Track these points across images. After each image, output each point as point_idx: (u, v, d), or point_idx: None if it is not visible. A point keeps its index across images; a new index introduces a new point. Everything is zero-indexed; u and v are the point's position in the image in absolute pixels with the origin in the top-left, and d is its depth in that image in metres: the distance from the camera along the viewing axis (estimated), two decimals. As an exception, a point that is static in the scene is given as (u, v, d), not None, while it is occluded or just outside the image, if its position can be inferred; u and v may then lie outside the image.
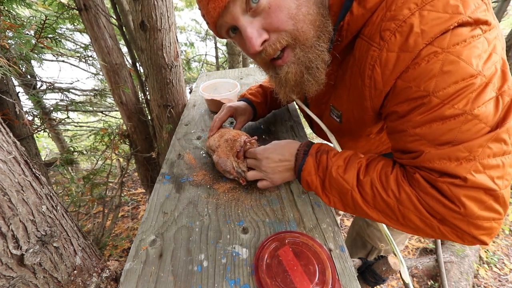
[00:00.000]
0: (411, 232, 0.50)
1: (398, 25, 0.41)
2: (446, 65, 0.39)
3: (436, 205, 0.43)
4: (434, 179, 0.43)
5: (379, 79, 0.46)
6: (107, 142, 1.77)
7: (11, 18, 1.11)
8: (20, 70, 1.01)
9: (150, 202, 0.73)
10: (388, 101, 0.48)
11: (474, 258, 1.92)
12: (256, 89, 0.98)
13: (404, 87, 0.43)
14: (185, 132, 1.04)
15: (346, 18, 0.48)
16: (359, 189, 0.52)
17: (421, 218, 0.45)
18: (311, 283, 0.49)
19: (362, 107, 0.54)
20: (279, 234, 0.59)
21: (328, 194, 0.57)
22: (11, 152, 0.50)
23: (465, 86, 0.38)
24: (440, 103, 0.40)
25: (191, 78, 3.51)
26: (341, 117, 0.65)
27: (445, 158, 0.41)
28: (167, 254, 0.59)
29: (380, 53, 0.44)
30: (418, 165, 0.45)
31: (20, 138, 1.34)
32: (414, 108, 0.43)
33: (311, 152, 0.60)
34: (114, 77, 1.55)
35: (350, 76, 0.54)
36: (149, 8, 1.06)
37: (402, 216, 0.47)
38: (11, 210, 0.47)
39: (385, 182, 0.49)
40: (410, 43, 0.40)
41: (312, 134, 4.56)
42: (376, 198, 0.50)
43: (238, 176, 0.73)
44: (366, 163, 0.54)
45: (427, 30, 0.39)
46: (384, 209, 0.49)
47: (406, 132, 0.45)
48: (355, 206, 0.53)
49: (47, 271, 0.55)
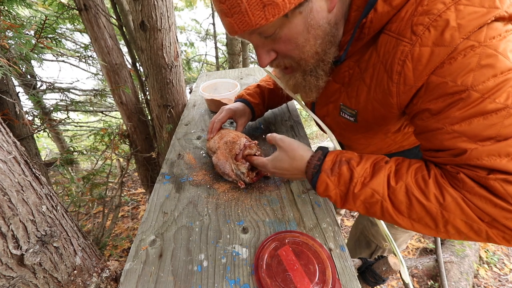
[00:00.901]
0: (447, 237, 0.46)
1: (433, 19, 0.40)
2: (484, 58, 0.38)
3: (486, 206, 0.40)
4: (483, 176, 0.40)
5: (410, 75, 0.45)
6: (107, 142, 1.77)
7: (11, 18, 1.11)
8: (20, 70, 1.01)
9: (150, 202, 0.73)
10: (419, 98, 0.46)
11: (474, 258, 1.92)
12: (253, 89, 0.98)
13: (439, 83, 0.42)
14: (185, 132, 1.04)
15: (369, 15, 0.47)
16: (391, 198, 0.47)
17: (468, 223, 0.42)
18: (311, 282, 0.49)
19: (385, 104, 0.52)
20: (279, 234, 0.59)
21: (349, 206, 0.53)
22: (11, 152, 0.50)
23: (504, 79, 0.37)
24: (480, 97, 0.39)
25: (191, 78, 3.51)
26: (356, 116, 0.62)
27: (495, 154, 0.39)
28: (167, 254, 0.59)
29: (412, 48, 0.43)
30: (462, 163, 0.42)
31: (20, 138, 1.34)
32: (450, 104, 0.42)
33: (325, 168, 0.54)
34: (114, 77, 1.56)
35: (372, 74, 0.53)
36: (149, 8, 1.06)
37: (444, 223, 0.44)
38: (11, 210, 0.47)
39: (424, 187, 0.45)
40: (446, 37, 0.39)
41: (312, 133, 4.50)
42: (413, 206, 0.45)
43: (236, 178, 0.73)
44: (396, 167, 0.50)
45: (464, 24, 0.38)
46: (422, 218, 0.45)
47: (442, 129, 0.43)
48: (384, 216, 0.49)
49: (47, 271, 0.55)
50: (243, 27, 0.47)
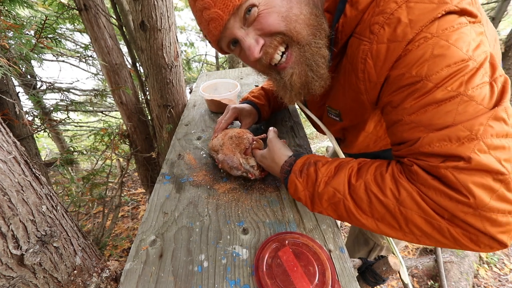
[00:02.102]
0: (417, 241, 0.44)
1: (386, 18, 0.42)
2: (437, 49, 0.39)
3: (441, 199, 0.39)
4: (435, 166, 0.39)
5: (372, 72, 0.47)
6: (107, 142, 1.77)
7: (11, 18, 1.11)
8: (20, 70, 1.01)
9: (150, 202, 0.73)
10: (383, 92, 0.48)
11: (474, 258, 1.92)
12: (258, 92, 0.98)
13: (396, 75, 0.43)
14: (185, 132, 1.04)
15: (341, 20, 0.49)
16: (351, 195, 0.48)
17: (427, 219, 0.41)
18: (311, 284, 0.49)
19: (359, 102, 0.54)
20: (279, 235, 0.59)
21: (319, 208, 0.53)
22: (11, 152, 0.50)
23: (457, 69, 0.38)
24: (433, 86, 0.40)
25: (191, 78, 3.51)
26: (340, 115, 0.65)
27: (445, 139, 0.39)
28: (167, 254, 0.59)
29: (370, 46, 0.45)
30: (416, 151, 0.42)
31: (20, 138, 1.33)
32: (407, 95, 0.43)
33: (294, 169, 0.57)
34: (114, 77, 1.55)
35: (343, 75, 0.55)
36: (149, 8, 1.06)
37: (404, 220, 0.43)
38: (11, 210, 0.47)
39: (381, 182, 0.45)
40: (399, 33, 0.41)
41: (312, 134, 4.51)
42: (372, 203, 0.45)
43: (245, 172, 0.73)
44: (358, 166, 0.51)
45: (415, 20, 0.40)
46: (383, 215, 0.45)
47: (401, 120, 0.44)
48: (349, 216, 0.49)
49: (47, 271, 0.55)
50: (228, 9, 0.49)
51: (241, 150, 0.74)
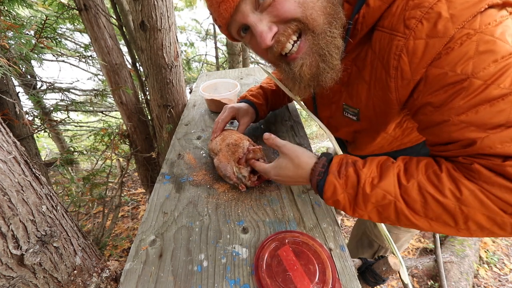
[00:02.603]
0: (469, 235, 0.44)
1: (425, 12, 0.40)
2: (481, 45, 0.37)
3: (506, 195, 0.38)
4: (498, 164, 0.38)
5: (406, 69, 0.44)
6: (107, 142, 1.77)
7: (11, 18, 1.11)
8: (20, 70, 1.01)
9: (150, 202, 0.73)
10: (420, 92, 0.45)
11: (474, 258, 1.92)
12: (256, 91, 0.97)
13: (437, 74, 0.41)
14: (185, 132, 1.04)
15: (362, 10, 0.47)
16: (404, 197, 0.45)
17: (490, 216, 0.40)
18: (311, 282, 0.49)
19: (386, 101, 0.52)
20: (279, 234, 0.59)
21: (360, 211, 0.51)
22: (11, 152, 0.50)
23: (506, 64, 0.37)
24: (482, 84, 0.38)
25: (191, 78, 3.51)
26: (358, 114, 0.62)
27: (508, 140, 0.38)
28: (167, 254, 0.59)
29: (406, 42, 0.43)
30: (474, 153, 0.41)
31: (20, 138, 1.34)
32: (453, 94, 0.41)
33: (332, 170, 0.52)
34: (114, 77, 1.56)
35: (370, 71, 0.52)
36: (149, 8, 1.06)
37: (464, 219, 0.42)
38: (11, 210, 0.47)
39: (437, 182, 0.43)
40: (440, 28, 0.39)
41: (312, 134, 4.50)
42: (428, 204, 0.43)
43: (238, 182, 0.72)
44: (404, 166, 0.48)
45: (457, 14, 0.38)
46: (439, 215, 0.43)
47: (448, 121, 0.42)
48: (399, 218, 0.47)
49: (47, 271, 0.55)
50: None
51: (235, 159, 0.72)
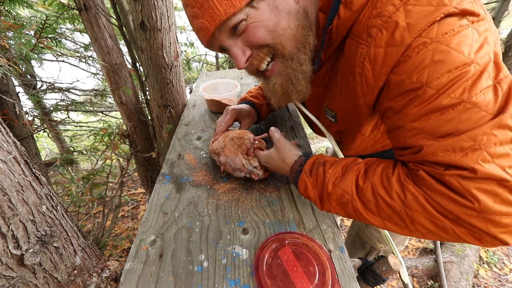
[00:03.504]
0: (423, 237, 0.46)
1: (384, 21, 0.41)
2: (436, 54, 0.38)
3: (446, 203, 0.40)
4: (440, 173, 0.40)
5: (369, 75, 0.46)
6: (107, 142, 1.77)
7: (12, 18, 1.11)
8: (20, 70, 1.01)
9: (150, 202, 0.73)
10: (383, 97, 0.48)
11: (474, 258, 1.92)
12: (256, 91, 0.97)
13: (396, 81, 0.43)
14: (185, 132, 1.04)
15: (334, 21, 0.49)
16: (359, 197, 0.49)
17: (432, 220, 0.42)
18: (311, 284, 0.49)
19: (355, 105, 0.54)
20: (279, 235, 0.59)
21: (327, 207, 0.55)
22: (11, 152, 0.50)
23: (459, 74, 0.37)
24: (435, 93, 0.39)
25: (191, 78, 3.51)
26: (336, 116, 0.65)
27: (449, 149, 0.39)
28: (167, 254, 0.59)
29: (368, 49, 0.44)
30: (421, 160, 0.43)
31: (20, 138, 1.34)
32: (409, 101, 0.42)
33: (305, 169, 0.58)
34: (114, 77, 1.55)
35: (341, 76, 0.55)
36: (149, 8, 1.06)
37: (410, 220, 0.44)
38: (11, 210, 0.47)
39: (387, 185, 0.46)
40: (397, 37, 0.40)
41: (312, 134, 4.50)
42: (379, 205, 0.47)
43: (249, 173, 0.72)
44: (365, 168, 0.51)
45: (413, 23, 0.39)
46: (390, 216, 0.46)
47: (404, 127, 0.44)
48: (358, 215, 0.51)
49: (47, 271, 0.55)
50: (214, 22, 0.49)
51: (243, 151, 0.73)
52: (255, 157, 0.73)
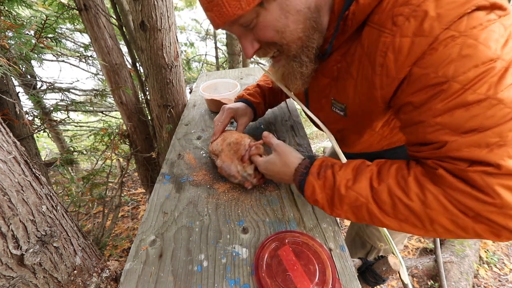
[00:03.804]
0: (438, 236, 0.46)
1: (412, 9, 0.40)
2: (464, 48, 0.37)
3: (467, 201, 0.39)
4: (463, 169, 0.39)
5: (391, 66, 0.44)
6: (107, 142, 1.77)
7: (11, 18, 1.11)
8: (20, 70, 1.01)
9: (150, 202, 0.73)
10: (402, 91, 0.46)
11: (474, 258, 1.92)
12: (254, 89, 0.97)
13: (420, 74, 0.42)
14: (185, 132, 1.04)
15: (351, 7, 0.47)
16: (375, 199, 0.48)
17: (452, 219, 0.41)
18: (311, 282, 0.49)
19: (371, 98, 0.52)
20: (279, 234, 0.59)
21: (337, 211, 0.53)
22: (11, 152, 0.50)
23: (485, 70, 0.37)
24: (461, 88, 0.38)
25: (191, 78, 3.51)
26: (345, 110, 0.62)
27: (474, 145, 0.38)
28: (167, 254, 0.59)
29: (393, 39, 0.43)
30: (443, 155, 0.42)
31: (20, 138, 1.34)
32: (432, 96, 0.41)
33: (312, 171, 0.56)
34: (114, 77, 1.56)
35: (358, 67, 0.53)
36: (149, 8, 1.06)
37: (430, 221, 0.43)
38: (11, 210, 0.47)
39: (404, 186, 0.45)
40: (426, 27, 0.39)
41: (312, 133, 4.49)
42: (396, 206, 0.45)
43: (243, 180, 0.72)
44: (378, 169, 0.50)
45: (444, 14, 0.38)
46: (408, 217, 0.45)
47: (425, 122, 0.43)
48: (372, 219, 0.49)
49: (47, 271, 0.55)
50: (222, 19, 0.49)
51: (238, 157, 0.72)
52: (250, 164, 0.72)
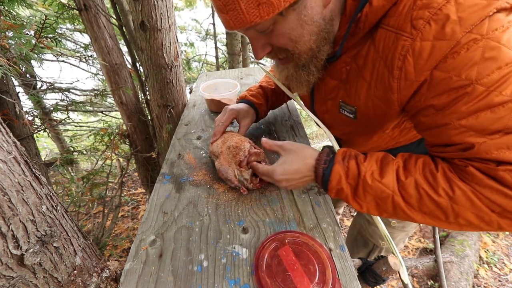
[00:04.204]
0: (458, 229, 0.47)
1: (433, 13, 0.40)
2: (487, 51, 0.38)
3: (496, 197, 0.41)
4: (492, 168, 0.41)
5: (411, 70, 0.44)
6: (107, 142, 1.77)
7: (11, 18, 1.11)
8: (20, 70, 1.01)
9: (150, 202, 0.73)
10: (422, 94, 0.46)
11: (474, 258, 1.92)
12: (256, 90, 0.97)
13: (442, 78, 0.42)
14: (185, 132, 1.04)
15: (365, 9, 0.47)
16: (401, 192, 0.48)
17: (478, 215, 0.43)
18: (311, 282, 0.49)
19: (386, 100, 0.52)
20: (279, 234, 0.59)
21: (360, 202, 0.53)
22: (11, 152, 0.50)
23: (509, 71, 0.37)
24: (485, 90, 0.39)
25: (191, 78, 3.51)
26: (355, 112, 0.62)
27: (504, 147, 0.39)
28: (167, 254, 0.59)
29: (412, 42, 0.42)
30: (471, 157, 0.43)
31: (20, 138, 1.34)
32: (455, 99, 0.41)
33: (338, 160, 0.55)
34: (114, 77, 1.56)
35: (371, 70, 0.52)
36: (149, 8, 1.06)
37: (455, 215, 0.45)
38: (11, 210, 0.47)
39: (432, 181, 0.46)
40: (447, 31, 0.39)
41: (312, 133, 4.48)
42: (423, 200, 0.46)
43: (239, 184, 0.71)
44: (403, 163, 0.51)
45: (465, 17, 0.38)
46: (433, 211, 0.46)
47: (449, 125, 0.43)
48: (396, 211, 0.49)
49: (47, 271, 0.55)
50: (238, 24, 0.48)
51: (236, 162, 0.72)
52: (248, 169, 0.72)
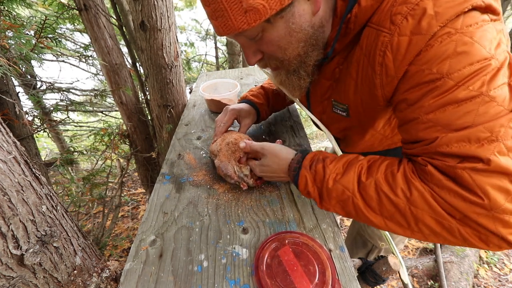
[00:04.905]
0: (425, 239, 0.44)
1: (411, 8, 0.40)
2: (460, 46, 0.38)
3: (454, 200, 0.38)
4: (452, 166, 0.39)
5: (390, 65, 0.44)
6: (107, 142, 1.77)
7: (11, 18, 1.11)
8: (20, 70, 1.01)
9: (150, 202, 0.73)
10: (399, 89, 0.46)
11: (474, 258, 1.92)
12: (257, 91, 0.97)
13: (415, 71, 0.42)
14: (185, 132, 1.04)
15: (354, 10, 0.47)
16: (361, 193, 0.48)
17: (437, 220, 0.41)
18: (311, 283, 0.49)
19: (372, 97, 0.53)
20: (279, 234, 0.59)
21: (326, 204, 0.54)
22: (11, 152, 0.50)
23: (480, 68, 0.37)
24: (454, 85, 0.38)
25: (191, 78, 3.51)
26: (347, 110, 0.63)
27: (464, 140, 0.38)
28: (167, 254, 0.59)
29: (391, 38, 0.43)
30: (433, 150, 0.41)
31: (20, 138, 1.34)
32: (426, 93, 0.41)
33: (304, 164, 0.57)
34: (114, 77, 1.56)
35: (357, 68, 0.53)
36: (149, 8, 1.06)
37: (414, 219, 0.42)
38: (11, 210, 0.47)
39: (392, 181, 0.45)
40: (423, 25, 0.39)
41: (312, 134, 4.49)
42: (382, 202, 0.45)
43: (239, 180, 0.72)
44: (368, 164, 0.50)
45: (442, 12, 0.38)
46: (393, 214, 0.45)
47: (418, 119, 0.43)
48: (358, 214, 0.49)
49: (47, 271, 0.55)
50: (227, 30, 0.48)
51: (236, 158, 0.72)
52: (247, 165, 0.72)
